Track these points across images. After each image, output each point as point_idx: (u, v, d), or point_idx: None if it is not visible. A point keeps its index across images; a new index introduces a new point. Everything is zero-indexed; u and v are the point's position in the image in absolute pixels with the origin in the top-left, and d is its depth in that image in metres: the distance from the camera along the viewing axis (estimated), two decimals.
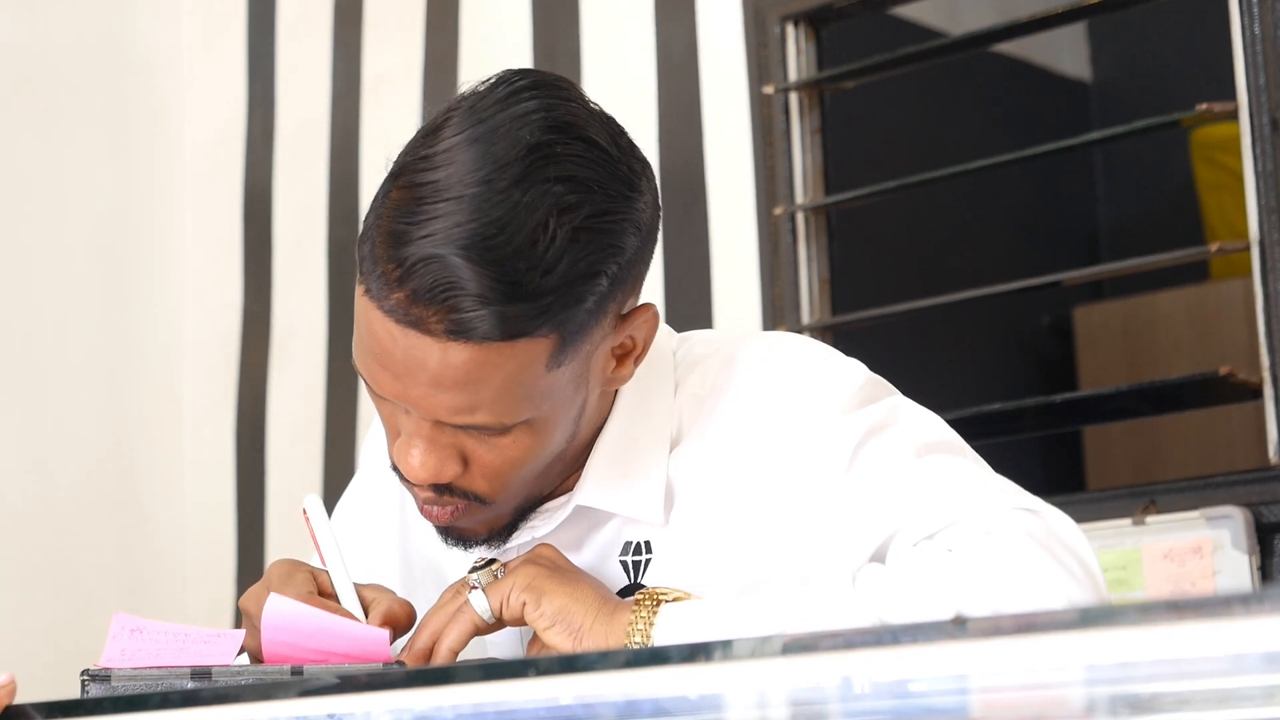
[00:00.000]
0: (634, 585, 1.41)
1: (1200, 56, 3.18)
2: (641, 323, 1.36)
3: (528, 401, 1.29)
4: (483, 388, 1.27)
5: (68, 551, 2.93)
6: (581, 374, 1.33)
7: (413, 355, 1.27)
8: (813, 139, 2.58)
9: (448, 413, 1.29)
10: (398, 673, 1.16)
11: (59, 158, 3.04)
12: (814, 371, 1.40)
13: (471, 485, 1.35)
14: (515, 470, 1.34)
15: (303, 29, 3.16)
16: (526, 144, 1.27)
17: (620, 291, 1.32)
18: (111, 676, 1.29)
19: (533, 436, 1.33)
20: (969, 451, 1.39)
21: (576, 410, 1.36)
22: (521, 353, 1.27)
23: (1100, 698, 0.82)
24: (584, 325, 1.29)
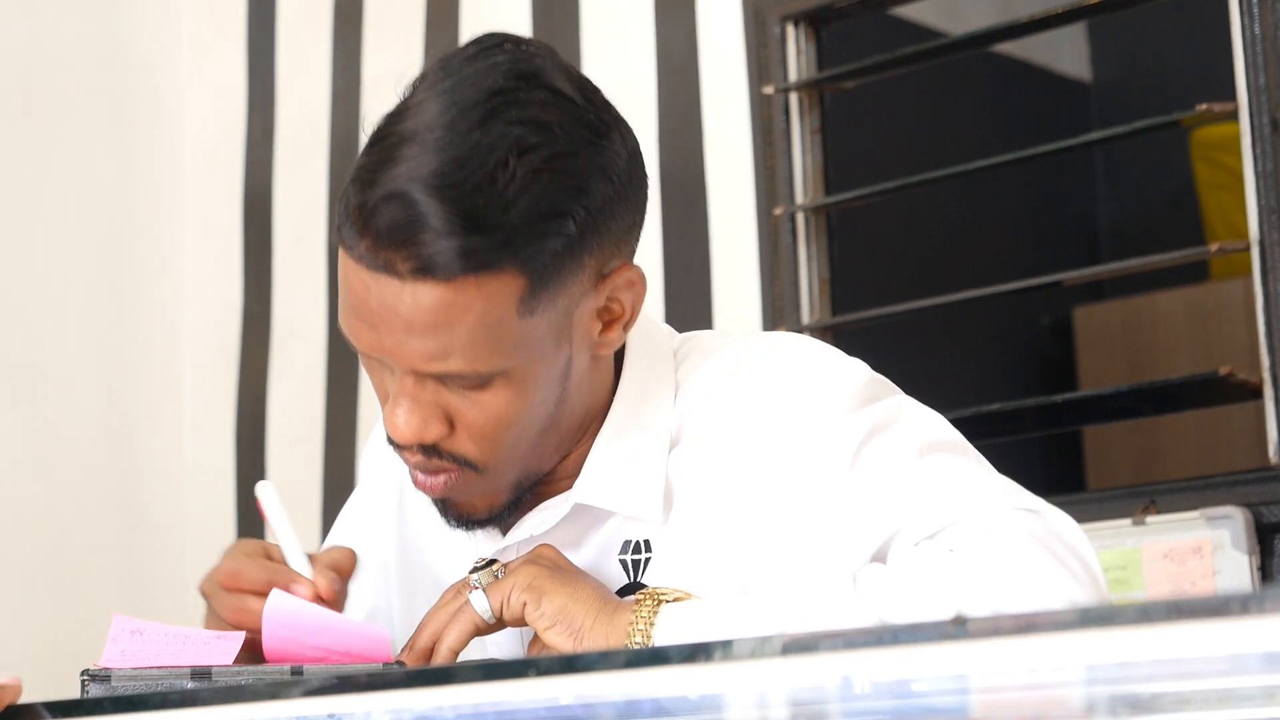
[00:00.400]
0: (634, 584, 1.41)
1: (1200, 56, 3.18)
2: (625, 284, 1.36)
3: (501, 348, 1.30)
4: (453, 331, 1.28)
5: (68, 551, 2.93)
6: (562, 330, 1.33)
7: (385, 302, 1.31)
8: (813, 139, 2.58)
9: (422, 359, 1.30)
10: (398, 673, 1.16)
11: (59, 157, 3.04)
12: (816, 371, 1.40)
13: (459, 448, 1.35)
14: (502, 430, 1.34)
15: (303, 29, 3.16)
16: (489, 89, 1.31)
17: (595, 243, 1.32)
18: (111, 677, 1.29)
19: (513, 391, 1.32)
20: (971, 451, 1.39)
21: (560, 369, 1.35)
22: (489, 293, 1.28)
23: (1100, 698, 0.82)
24: (554, 270, 1.30)
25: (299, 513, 2.99)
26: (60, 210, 3.03)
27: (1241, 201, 2.20)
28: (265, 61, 3.20)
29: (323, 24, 3.13)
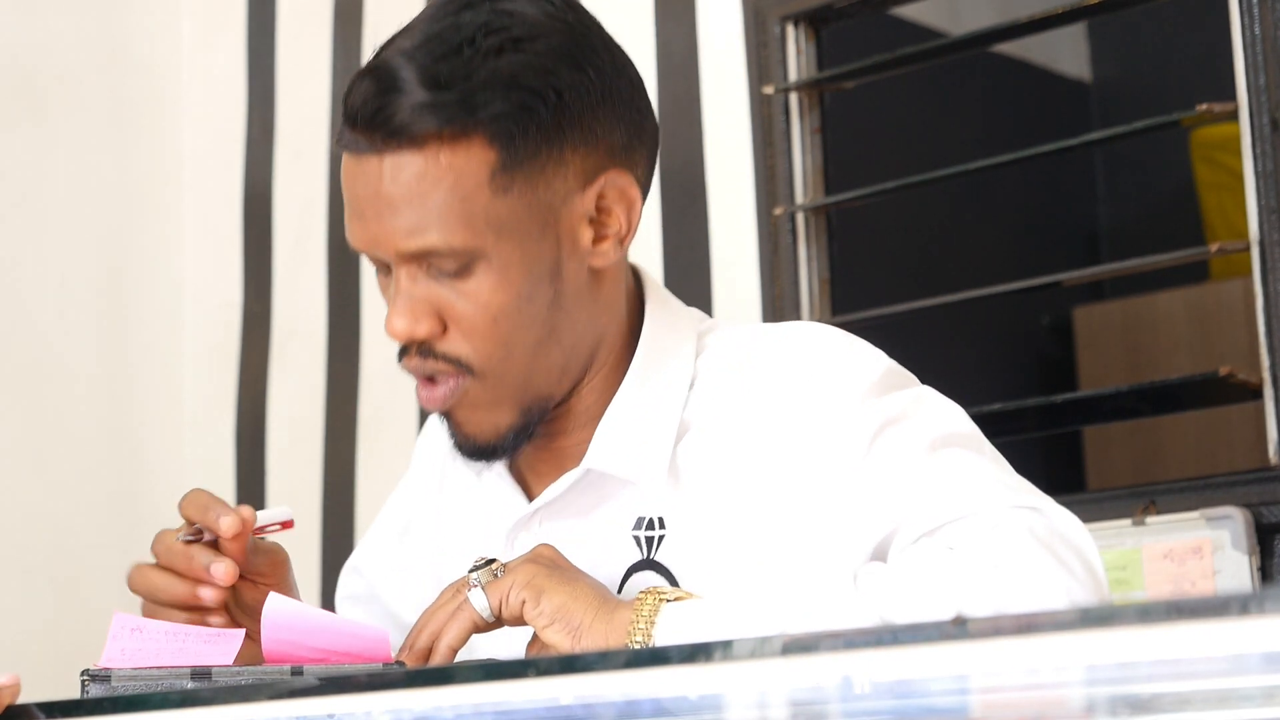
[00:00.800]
0: (647, 560, 1.42)
1: (1200, 56, 3.18)
2: (617, 194, 1.40)
3: (474, 223, 1.35)
4: (428, 202, 1.34)
5: (68, 551, 2.93)
6: (545, 222, 1.37)
7: (369, 184, 1.36)
8: (813, 139, 2.58)
9: (403, 235, 1.35)
10: (397, 673, 1.16)
11: (58, 157, 3.04)
12: (837, 357, 1.41)
13: (453, 347, 1.39)
14: (492, 324, 1.37)
15: (303, 28, 3.16)
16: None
17: (574, 138, 1.37)
18: (111, 676, 1.29)
19: (495, 277, 1.36)
20: (986, 446, 1.39)
21: (547, 265, 1.38)
22: (460, 163, 1.34)
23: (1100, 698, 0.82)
24: (527, 152, 1.35)
25: (299, 513, 2.99)
26: (60, 210, 3.03)
27: (1241, 201, 2.20)
28: (265, 61, 3.20)
29: (323, 24, 3.13)
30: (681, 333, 1.47)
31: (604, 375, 1.46)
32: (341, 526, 2.94)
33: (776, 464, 1.38)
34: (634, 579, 1.43)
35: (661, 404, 1.43)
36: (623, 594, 1.43)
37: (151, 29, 3.21)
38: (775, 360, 1.42)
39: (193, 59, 3.25)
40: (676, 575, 1.41)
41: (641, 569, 1.42)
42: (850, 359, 1.41)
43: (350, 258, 3.04)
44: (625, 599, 1.34)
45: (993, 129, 3.57)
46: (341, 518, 2.94)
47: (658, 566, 1.43)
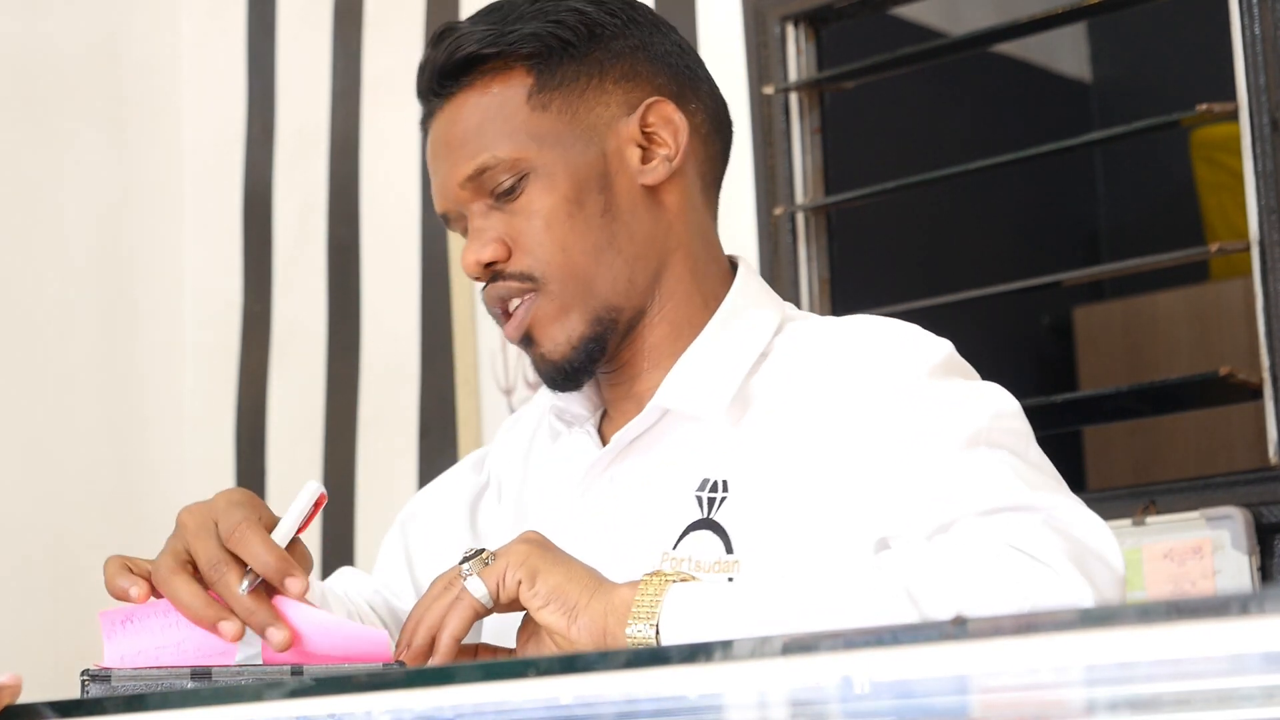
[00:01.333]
0: (706, 520, 1.44)
1: (1200, 57, 3.18)
2: (662, 120, 1.52)
3: (518, 136, 1.49)
4: (477, 127, 1.50)
5: (68, 552, 2.93)
6: (588, 138, 1.50)
7: (439, 138, 1.53)
8: (812, 139, 2.58)
9: (463, 162, 1.49)
10: (397, 673, 1.16)
11: (59, 158, 3.04)
12: (903, 338, 1.46)
13: (518, 264, 1.49)
14: (546, 230, 1.48)
15: (303, 29, 3.16)
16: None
17: (610, 67, 1.52)
18: (112, 676, 1.29)
19: (542, 188, 1.48)
20: (1032, 448, 1.41)
21: (594, 176, 1.50)
22: (502, 88, 1.50)
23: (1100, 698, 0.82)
24: (561, 75, 1.50)
25: None
26: (60, 210, 3.04)
27: (1241, 202, 2.20)
28: (265, 61, 3.20)
29: (323, 24, 3.13)
30: (766, 309, 1.54)
31: (673, 310, 1.53)
32: (341, 527, 2.94)
33: (839, 436, 1.41)
34: (690, 536, 1.45)
35: (735, 355, 1.50)
36: (677, 551, 1.45)
37: (151, 29, 3.21)
38: (845, 336, 1.48)
39: (192, 59, 3.25)
40: (733, 537, 1.43)
41: (699, 528, 1.44)
42: (916, 340, 1.46)
43: (351, 258, 3.04)
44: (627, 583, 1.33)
45: (992, 129, 3.57)
46: (342, 518, 2.94)
47: (715, 526, 1.44)
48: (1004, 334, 3.53)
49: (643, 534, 1.48)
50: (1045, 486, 1.36)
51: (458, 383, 2.86)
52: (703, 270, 1.55)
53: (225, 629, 1.34)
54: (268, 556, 1.35)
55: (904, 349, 1.44)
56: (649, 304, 1.52)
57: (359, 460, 2.98)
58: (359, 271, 3.03)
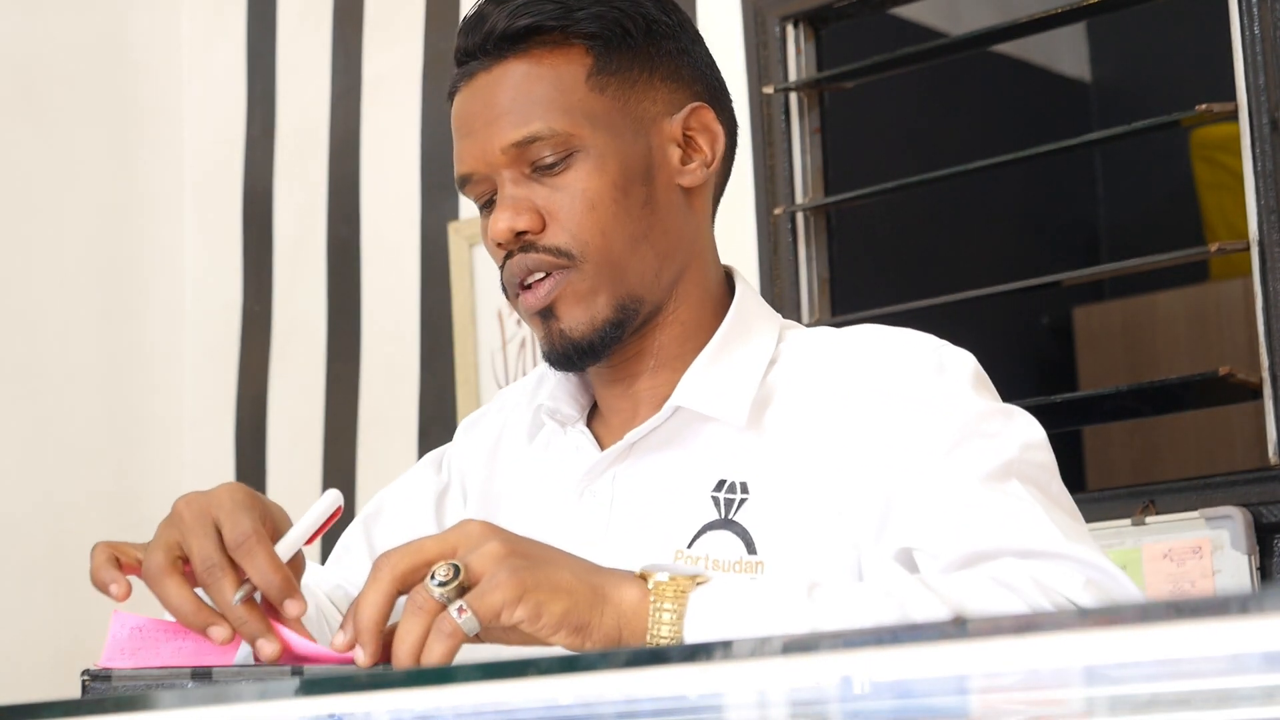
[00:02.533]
0: (724, 520, 1.43)
1: (1200, 57, 3.18)
2: (701, 126, 1.53)
3: (573, 113, 1.48)
4: (532, 95, 1.48)
5: (68, 551, 2.93)
6: (637, 128, 1.50)
7: (480, 101, 1.50)
8: (812, 139, 2.58)
9: (510, 128, 1.47)
10: (397, 673, 1.16)
11: (59, 158, 3.04)
12: (932, 351, 1.45)
13: (554, 239, 1.47)
14: (589, 211, 1.47)
15: (303, 29, 3.16)
16: None
17: (659, 64, 1.52)
18: (112, 676, 1.29)
19: (593, 166, 1.47)
20: (1055, 482, 1.41)
21: (639, 164, 1.49)
22: (559, 63, 1.49)
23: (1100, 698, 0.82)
24: (618, 62, 1.50)
25: (298, 513, 2.99)
26: (60, 210, 3.04)
27: (1241, 201, 2.21)
28: (265, 62, 3.20)
29: (323, 24, 3.13)
30: (769, 316, 1.55)
31: (687, 313, 1.52)
32: (340, 527, 2.94)
33: (864, 442, 1.40)
34: (708, 536, 1.44)
35: (749, 358, 1.49)
36: (692, 549, 1.43)
37: (151, 29, 3.21)
38: (862, 343, 1.47)
39: (193, 59, 3.25)
40: (756, 539, 1.42)
41: (716, 528, 1.43)
42: (939, 352, 1.46)
43: (351, 258, 3.04)
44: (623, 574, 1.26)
45: (992, 129, 3.57)
46: (341, 518, 2.94)
47: (735, 527, 1.43)
48: (1004, 334, 3.53)
49: (653, 533, 1.46)
50: (1074, 533, 1.36)
51: (458, 383, 2.86)
52: (713, 278, 1.56)
53: (215, 634, 1.30)
54: (273, 575, 1.31)
55: (928, 360, 1.44)
56: (666, 302, 1.52)
57: (359, 460, 2.98)
58: (359, 271, 3.03)
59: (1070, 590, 1.27)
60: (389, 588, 1.25)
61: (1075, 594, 1.27)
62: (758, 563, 1.42)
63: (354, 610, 1.25)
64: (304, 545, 1.39)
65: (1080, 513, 1.42)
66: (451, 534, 1.26)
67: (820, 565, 1.39)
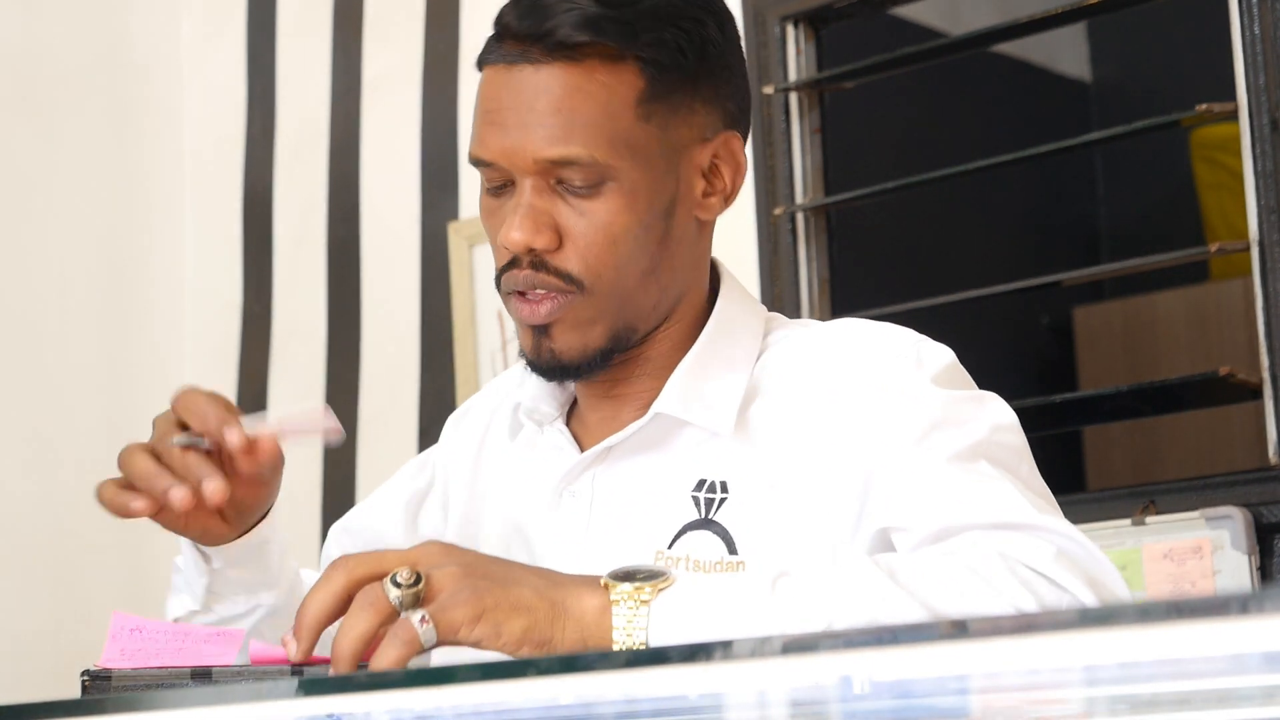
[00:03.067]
0: (704, 520, 1.43)
1: (1200, 57, 3.18)
2: (728, 154, 1.48)
3: (616, 142, 1.41)
4: (577, 113, 1.41)
5: (68, 551, 2.93)
6: (670, 161, 1.44)
7: (519, 92, 1.42)
8: (812, 139, 2.58)
9: (546, 142, 1.40)
10: (397, 673, 1.15)
11: (59, 158, 3.04)
12: (904, 344, 1.45)
13: (566, 263, 1.43)
14: (609, 244, 1.42)
15: (302, 29, 3.16)
16: None
17: (703, 87, 1.45)
18: (112, 676, 1.29)
19: (622, 200, 1.42)
20: (1025, 463, 1.40)
21: (665, 201, 1.44)
22: (611, 83, 1.41)
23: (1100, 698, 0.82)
24: (669, 88, 1.43)
25: (299, 513, 3.00)
26: (60, 210, 3.04)
27: (1241, 201, 2.21)
28: (265, 62, 3.20)
29: (322, 25, 3.13)
30: (752, 313, 1.53)
31: (678, 329, 1.50)
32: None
33: (841, 440, 1.40)
34: (688, 536, 1.44)
35: (733, 363, 1.48)
36: (672, 550, 1.43)
37: (151, 29, 3.21)
38: (842, 340, 1.46)
39: (193, 59, 3.25)
40: (736, 538, 1.42)
41: (697, 528, 1.43)
42: (917, 347, 1.45)
43: (351, 258, 3.04)
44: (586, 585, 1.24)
45: (992, 129, 3.57)
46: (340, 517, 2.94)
47: (715, 526, 1.43)
48: (1004, 334, 3.53)
49: (634, 534, 1.46)
50: (1044, 507, 1.35)
51: (458, 383, 2.86)
52: (706, 289, 1.54)
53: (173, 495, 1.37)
54: (207, 407, 1.40)
55: (906, 354, 1.44)
56: (660, 324, 1.50)
57: (359, 460, 2.98)
58: (359, 271, 3.03)
59: (1040, 562, 1.26)
60: (340, 590, 1.22)
61: (1046, 566, 1.26)
62: (739, 562, 1.41)
63: (301, 607, 1.24)
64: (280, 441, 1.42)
65: (1053, 495, 1.41)
66: (413, 551, 1.24)
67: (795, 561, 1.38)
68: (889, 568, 1.25)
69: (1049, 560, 1.26)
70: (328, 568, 1.25)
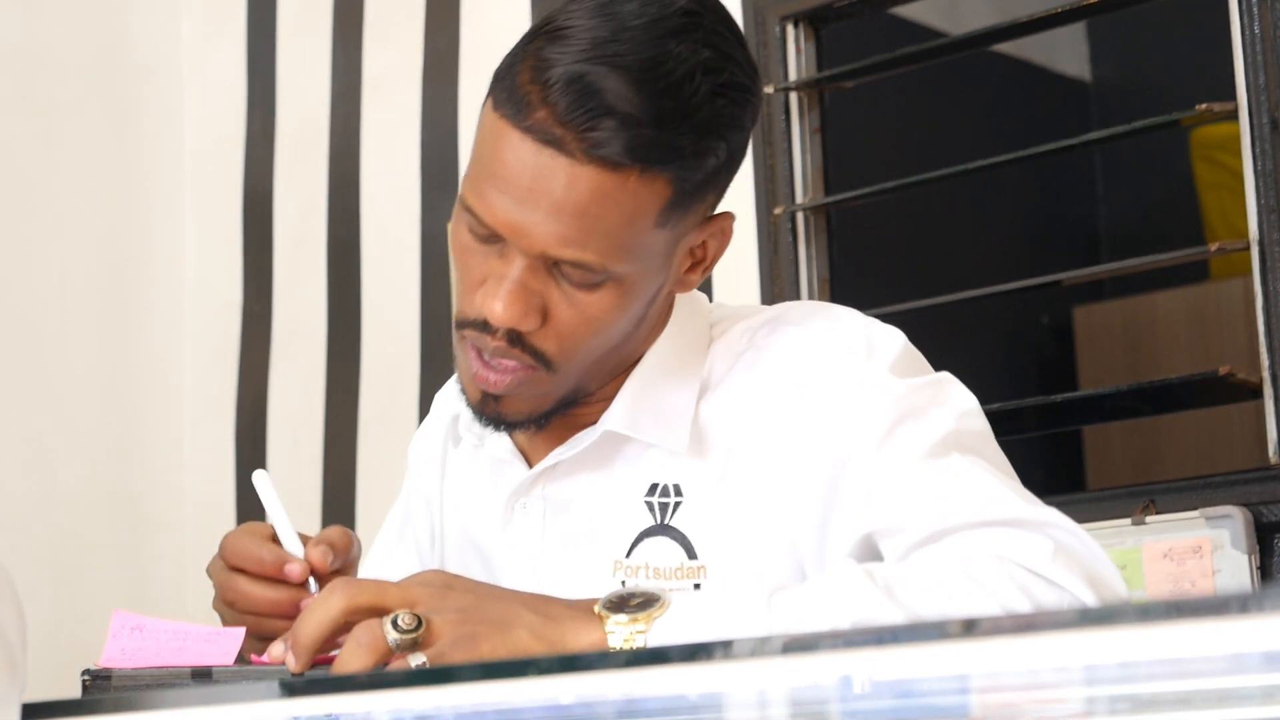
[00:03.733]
0: (660, 526, 1.41)
1: (1200, 56, 3.18)
2: (719, 230, 1.43)
3: (632, 250, 1.34)
4: (598, 222, 1.32)
5: (68, 551, 2.93)
6: (669, 254, 1.39)
7: (541, 178, 1.32)
8: (812, 139, 2.58)
9: (558, 242, 1.33)
10: (398, 673, 1.16)
11: (59, 158, 3.04)
12: (858, 337, 1.42)
13: (542, 344, 1.37)
14: (590, 334, 1.37)
15: (302, 29, 3.16)
16: (680, 8, 1.36)
17: (723, 181, 1.40)
18: (112, 676, 1.29)
19: (618, 298, 1.36)
20: (991, 445, 1.39)
21: (653, 291, 1.40)
22: (643, 194, 1.33)
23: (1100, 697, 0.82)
24: (694, 193, 1.36)
25: (300, 513, 2.99)
26: (60, 210, 3.03)
27: (1241, 201, 2.20)
28: (265, 62, 3.20)
29: (322, 24, 3.13)
30: (697, 314, 1.49)
31: (628, 361, 1.46)
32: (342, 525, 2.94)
33: (796, 438, 1.38)
34: (645, 543, 1.43)
35: (682, 376, 1.45)
36: (630, 559, 1.42)
37: (151, 29, 3.21)
38: (791, 333, 1.43)
39: (193, 59, 3.25)
40: (694, 542, 1.41)
41: (654, 534, 1.42)
42: (866, 334, 1.42)
43: (351, 258, 3.04)
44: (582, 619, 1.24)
45: (992, 129, 3.57)
46: (342, 519, 2.94)
47: (672, 532, 1.42)
48: (1004, 334, 3.53)
49: (590, 545, 1.45)
50: (1026, 496, 1.34)
51: None
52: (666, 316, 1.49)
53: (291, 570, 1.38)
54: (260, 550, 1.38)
55: (856, 346, 1.41)
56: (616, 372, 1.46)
57: (359, 461, 2.98)
58: (359, 271, 3.03)
59: (1038, 562, 1.25)
60: (339, 616, 1.24)
61: (1043, 565, 1.25)
62: (699, 567, 1.40)
63: (298, 624, 1.25)
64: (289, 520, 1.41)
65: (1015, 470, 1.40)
66: (415, 588, 1.25)
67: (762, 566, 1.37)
68: (884, 581, 1.24)
69: (1046, 559, 1.26)
70: (328, 587, 1.27)
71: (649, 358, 1.45)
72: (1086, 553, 1.29)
